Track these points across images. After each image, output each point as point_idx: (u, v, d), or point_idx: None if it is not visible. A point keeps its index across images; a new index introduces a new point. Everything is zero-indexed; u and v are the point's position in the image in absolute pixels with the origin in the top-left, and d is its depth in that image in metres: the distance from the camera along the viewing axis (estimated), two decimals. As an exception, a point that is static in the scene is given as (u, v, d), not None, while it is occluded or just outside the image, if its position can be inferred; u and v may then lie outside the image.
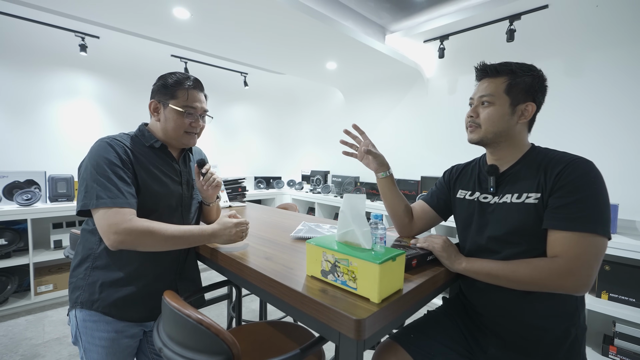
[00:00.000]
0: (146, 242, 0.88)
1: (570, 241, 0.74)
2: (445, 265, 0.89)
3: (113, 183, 0.88)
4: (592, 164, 0.80)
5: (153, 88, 1.04)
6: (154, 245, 0.90)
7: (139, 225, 0.87)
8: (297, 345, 0.81)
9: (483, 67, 0.92)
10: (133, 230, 0.85)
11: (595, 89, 2.13)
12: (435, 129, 3.03)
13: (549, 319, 0.82)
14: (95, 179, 0.88)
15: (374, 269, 0.65)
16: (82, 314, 0.93)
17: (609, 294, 1.82)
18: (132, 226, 0.86)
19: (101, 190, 0.87)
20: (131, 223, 0.86)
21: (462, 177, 1.07)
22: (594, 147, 2.13)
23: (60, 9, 1.97)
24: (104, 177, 0.88)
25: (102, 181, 0.87)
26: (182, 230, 0.93)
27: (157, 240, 0.89)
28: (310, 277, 0.79)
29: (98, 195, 0.86)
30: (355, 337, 0.59)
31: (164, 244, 0.91)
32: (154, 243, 0.89)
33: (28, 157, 2.66)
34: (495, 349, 0.87)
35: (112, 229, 0.85)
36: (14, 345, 1.98)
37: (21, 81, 2.61)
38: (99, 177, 0.88)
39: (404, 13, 2.55)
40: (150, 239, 0.88)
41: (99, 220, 0.87)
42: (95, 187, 0.87)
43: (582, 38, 2.15)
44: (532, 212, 0.82)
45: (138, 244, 0.88)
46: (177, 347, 0.69)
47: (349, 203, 0.76)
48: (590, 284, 0.73)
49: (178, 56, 3.18)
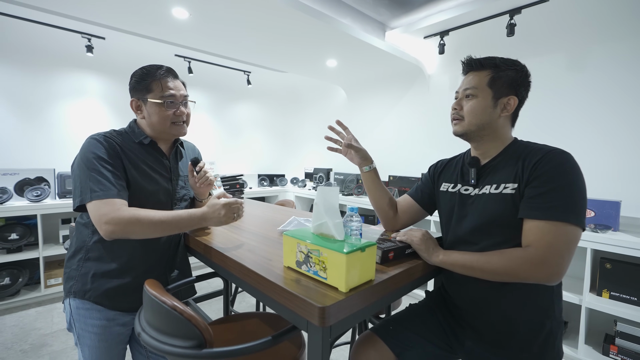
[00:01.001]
0: (135, 229, 0.89)
1: (542, 230, 0.74)
2: (423, 257, 0.89)
3: (104, 176, 0.91)
4: (568, 155, 0.80)
5: (129, 87, 1.05)
6: (144, 232, 0.91)
7: (126, 214, 0.89)
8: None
9: (468, 61, 0.94)
10: (121, 219, 0.88)
11: (598, 84, 2.07)
12: (437, 125, 3.00)
13: (523, 311, 0.82)
14: (87, 174, 0.91)
15: (341, 259, 0.66)
16: (75, 303, 0.98)
17: (610, 293, 1.78)
18: (119, 215, 0.88)
19: (94, 184, 0.90)
20: (119, 212, 0.89)
21: (446, 170, 1.07)
22: (596, 144, 2.08)
23: (67, 12, 2.04)
24: (95, 171, 0.91)
25: (93, 176, 0.91)
26: (170, 215, 0.94)
27: (145, 227, 0.90)
28: (286, 267, 0.81)
29: (92, 189, 0.90)
30: (319, 324, 0.61)
31: (153, 230, 0.92)
32: (142, 230, 0.90)
33: (38, 155, 2.76)
34: (471, 342, 0.88)
35: (102, 219, 0.87)
36: (24, 335, 2.07)
37: (31, 82, 2.71)
38: (90, 172, 0.91)
39: (403, 9, 2.53)
40: (138, 226, 0.89)
41: (92, 212, 0.90)
42: (89, 183, 0.90)
43: (585, 32, 2.10)
44: (509, 202, 0.82)
45: (128, 232, 0.89)
46: (154, 332, 0.72)
47: (322, 196, 0.78)
48: (562, 273, 0.73)
49: (182, 56, 3.24)
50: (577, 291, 1.86)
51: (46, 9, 2.01)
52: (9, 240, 2.42)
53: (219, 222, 1.00)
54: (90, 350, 0.98)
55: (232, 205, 1.00)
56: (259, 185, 4.08)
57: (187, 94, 1.10)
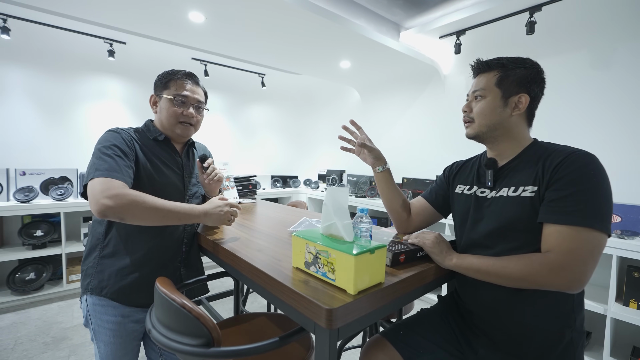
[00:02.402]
0: (134, 211, 0.87)
1: (564, 235, 0.71)
2: (436, 261, 0.87)
3: (112, 159, 0.93)
4: (593, 157, 0.75)
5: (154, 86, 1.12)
6: (142, 216, 0.89)
7: (131, 192, 0.88)
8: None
9: (477, 64, 0.93)
10: (123, 197, 0.85)
11: (626, 82, 1.97)
12: (452, 127, 2.94)
13: (541, 318, 0.78)
14: (98, 156, 0.93)
15: (350, 261, 0.65)
16: (92, 299, 1.01)
17: (639, 303, 1.68)
18: (124, 192, 0.86)
19: (100, 164, 0.91)
20: (124, 190, 0.88)
21: (461, 172, 1.04)
22: (624, 145, 1.98)
23: (90, 18, 2.12)
24: (105, 155, 0.93)
25: (103, 157, 0.92)
26: (171, 205, 0.94)
27: (144, 210, 0.88)
28: (295, 268, 0.81)
29: (97, 168, 0.90)
30: (326, 326, 0.60)
31: (152, 216, 0.90)
32: (141, 213, 0.88)
33: (62, 155, 2.88)
34: (485, 350, 0.84)
35: (104, 193, 0.84)
36: (47, 328, 2.16)
37: (56, 86, 2.84)
38: (101, 155, 0.93)
39: (418, 9, 2.50)
40: (138, 209, 0.87)
41: (93, 187, 0.87)
42: (96, 162, 0.92)
43: (609, 29, 2.00)
44: (527, 205, 0.79)
45: (125, 212, 0.86)
46: (164, 329, 0.73)
47: (332, 196, 0.77)
48: (584, 282, 0.69)
49: (198, 59, 3.32)
50: (602, 300, 1.77)
51: (71, 16, 2.10)
52: (35, 237, 2.53)
53: (218, 219, 1.01)
54: (105, 345, 1.01)
55: (232, 206, 1.05)
56: (272, 187, 4.11)
57: (202, 100, 1.14)
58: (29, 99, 2.72)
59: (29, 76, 2.70)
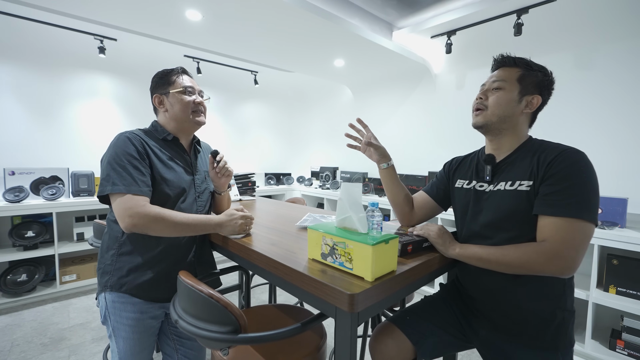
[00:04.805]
0: (156, 227, 0.96)
1: (557, 226, 0.78)
2: (440, 251, 0.94)
3: (128, 173, 0.97)
4: (582, 154, 0.83)
5: (150, 87, 1.15)
6: (163, 231, 0.98)
7: (151, 211, 0.95)
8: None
9: (502, 58, 0.97)
10: (146, 215, 0.94)
11: (605, 83, 2.10)
12: (443, 124, 3.04)
13: (536, 302, 0.86)
14: (114, 167, 0.97)
15: (368, 250, 0.71)
16: (112, 296, 1.03)
17: (617, 288, 1.81)
18: (145, 211, 0.94)
19: (117, 178, 0.96)
20: (145, 208, 0.94)
21: (461, 167, 1.11)
22: (602, 143, 2.11)
23: (80, 14, 2.08)
24: (121, 167, 0.97)
25: (119, 170, 0.96)
26: (190, 218, 1.01)
27: (166, 226, 0.97)
28: (311, 260, 0.86)
29: (114, 182, 0.95)
30: (348, 310, 0.65)
31: (172, 230, 0.99)
32: (163, 228, 0.97)
33: (52, 154, 2.82)
34: (486, 331, 0.92)
35: (127, 212, 0.93)
36: (43, 329, 2.13)
37: (45, 83, 2.77)
38: (117, 166, 0.97)
39: (410, 9, 2.57)
40: (161, 224, 0.96)
41: (116, 205, 0.95)
42: (112, 175, 0.96)
43: (592, 31, 2.12)
44: (524, 198, 0.86)
45: (149, 228, 0.95)
46: (191, 318, 0.77)
47: (347, 191, 0.82)
48: (575, 267, 0.77)
49: (191, 56, 3.29)
50: (584, 287, 1.90)
51: (59, 11, 2.06)
52: (26, 238, 2.48)
53: (232, 231, 1.07)
54: (124, 341, 1.04)
55: (248, 218, 1.10)
56: (266, 184, 4.13)
57: (202, 90, 1.21)
58: (17, 96, 2.64)
59: (17, 73, 2.63)
